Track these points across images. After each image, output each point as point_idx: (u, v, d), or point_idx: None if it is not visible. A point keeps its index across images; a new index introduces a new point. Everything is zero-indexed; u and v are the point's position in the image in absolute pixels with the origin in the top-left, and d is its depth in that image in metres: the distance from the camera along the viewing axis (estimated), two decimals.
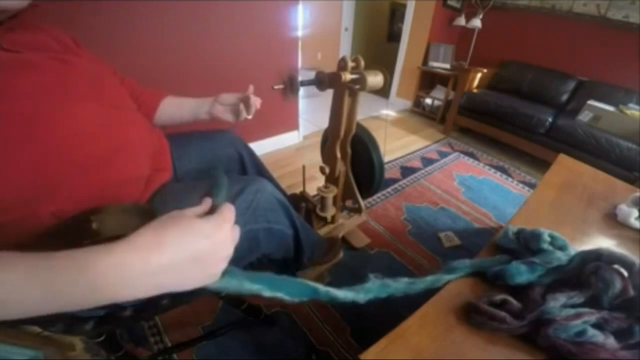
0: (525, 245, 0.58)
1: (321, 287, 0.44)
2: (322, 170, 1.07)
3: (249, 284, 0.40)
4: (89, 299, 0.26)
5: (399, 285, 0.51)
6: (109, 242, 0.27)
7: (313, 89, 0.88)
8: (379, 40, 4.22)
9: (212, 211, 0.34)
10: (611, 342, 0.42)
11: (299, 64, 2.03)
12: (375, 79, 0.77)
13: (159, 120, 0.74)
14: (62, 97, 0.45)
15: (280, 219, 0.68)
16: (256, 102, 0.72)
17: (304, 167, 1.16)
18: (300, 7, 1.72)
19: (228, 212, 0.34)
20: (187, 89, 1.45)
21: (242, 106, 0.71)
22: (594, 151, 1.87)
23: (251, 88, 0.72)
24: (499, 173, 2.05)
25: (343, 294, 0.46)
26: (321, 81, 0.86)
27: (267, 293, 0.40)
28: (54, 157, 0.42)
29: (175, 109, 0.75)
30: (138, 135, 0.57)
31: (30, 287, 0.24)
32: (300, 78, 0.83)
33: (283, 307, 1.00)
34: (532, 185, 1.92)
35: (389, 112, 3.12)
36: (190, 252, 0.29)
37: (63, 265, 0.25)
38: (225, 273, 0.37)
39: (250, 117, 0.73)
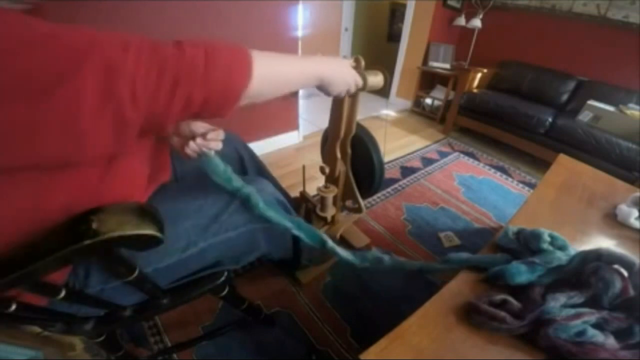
0: (525, 245, 0.58)
1: (329, 241, 0.62)
2: (322, 170, 1.07)
3: (284, 219, 0.59)
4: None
5: (390, 261, 0.63)
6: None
7: (313, 89, 0.88)
8: (379, 40, 4.22)
9: None
10: (611, 342, 0.42)
11: None
12: (375, 79, 0.77)
13: None
14: None
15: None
16: (209, 144, 0.58)
17: (304, 167, 1.16)
18: (300, 7, 1.72)
19: None
20: None
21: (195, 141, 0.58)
22: (594, 151, 1.87)
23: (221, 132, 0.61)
24: (499, 173, 2.05)
25: (344, 253, 0.61)
26: None
27: (295, 231, 0.60)
28: None
29: None
30: None
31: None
32: None
33: (283, 307, 1.00)
34: (532, 185, 1.92)
35: (389, 112, 3.12)
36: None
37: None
38: (272, 209, 0.59)
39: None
